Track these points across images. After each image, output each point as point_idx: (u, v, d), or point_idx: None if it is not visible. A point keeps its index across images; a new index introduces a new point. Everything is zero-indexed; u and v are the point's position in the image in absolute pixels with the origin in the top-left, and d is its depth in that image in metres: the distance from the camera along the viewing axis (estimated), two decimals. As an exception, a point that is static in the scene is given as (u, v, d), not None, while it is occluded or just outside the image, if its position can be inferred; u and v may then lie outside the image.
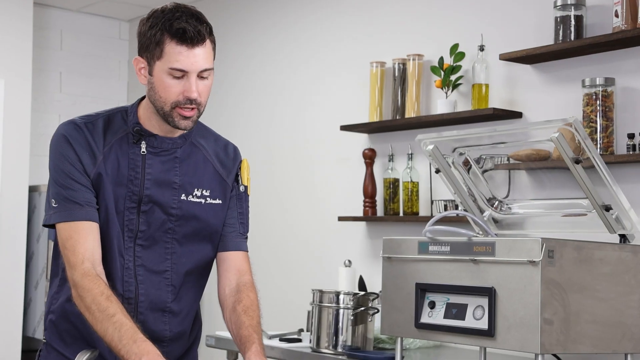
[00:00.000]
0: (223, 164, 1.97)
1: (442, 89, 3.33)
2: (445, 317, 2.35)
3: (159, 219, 1.87)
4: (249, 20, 4.51)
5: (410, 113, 3.45)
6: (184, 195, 1.89)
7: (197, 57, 1.76)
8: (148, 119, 1.87)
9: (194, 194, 1.90)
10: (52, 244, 4.39)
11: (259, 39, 4.43)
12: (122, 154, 1.84)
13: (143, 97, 1.91)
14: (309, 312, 3.21)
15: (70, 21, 5.13)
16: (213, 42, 1.83)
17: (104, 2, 4.95)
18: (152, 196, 1.85)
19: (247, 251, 2.01)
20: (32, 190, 4.69)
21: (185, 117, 1.80)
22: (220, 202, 1.95)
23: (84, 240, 1.77)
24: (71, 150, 1.82)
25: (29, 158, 4.60)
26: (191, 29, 1.75)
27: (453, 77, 3.31)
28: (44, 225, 1.85)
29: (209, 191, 1.92)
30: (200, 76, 1.78)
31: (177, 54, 1.74)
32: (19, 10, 4.53)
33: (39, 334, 4.44)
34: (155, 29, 1.75)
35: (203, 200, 1.91)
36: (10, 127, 4.48)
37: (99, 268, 1.78)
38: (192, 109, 1.80)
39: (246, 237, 2.02)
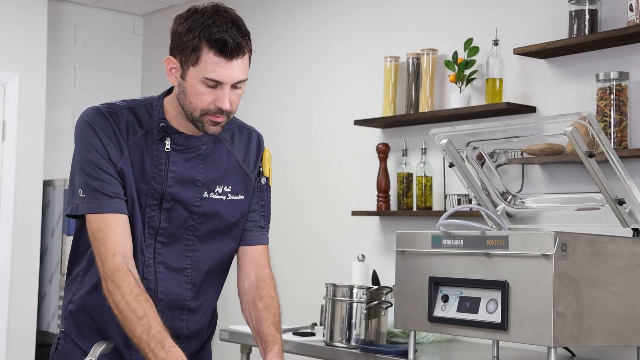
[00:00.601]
0: (247, 157, 1.94)
1: (456, 83, 3.33)
2: (459, 310, 2.36)
3: (180, 217, 1.85)
4: (263, 15, 4.52)
5: (424, 108, 3.46)
6: (206, 192, 1.86)
7: (234, 69, 1.71)
8: (175, 117, 1.82)
9: (215, 191, 1.87)
10: (66, 238, 4.42)
11: (273, 35, 4.44)
12: (147, 149, 1.81)
13: (169, 91, 1.85)
14: (322, 306, 3.23)
15: (84, 16, 5.16)
16: (250, 51, 1.76)
17: (118, -2, 4.99)
18: (175, 194, 1.83)
19: (268, 244, 2.00)
20: (47, 184, 4.73)
21: (216, 123, 1.77)
22: (242, 197, 1.92)
23: (114, 232, 1.75)
24: (98, 139, 1.78)
25: (44, 153, 4.63)
26: (232, 41, 1.69)
27: (467, 72, 3.31)
28: (68, 215, 1.83)
29: (230, 187, 1.90)
30: (233, 86, 1.75)
31: (214, 65, 1.69)
32: (34, 5, 4.56)
33: (54, 328, 4.47)
34: (194, 34, 1.69)
35: (224, 197, 1.88)
36: (24, 121, 4.51)
37: (130, 261, 1.76)
38: (223, 116, 1.77)
39: (267, 230, 2.00)
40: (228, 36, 1.69)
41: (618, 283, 2.31)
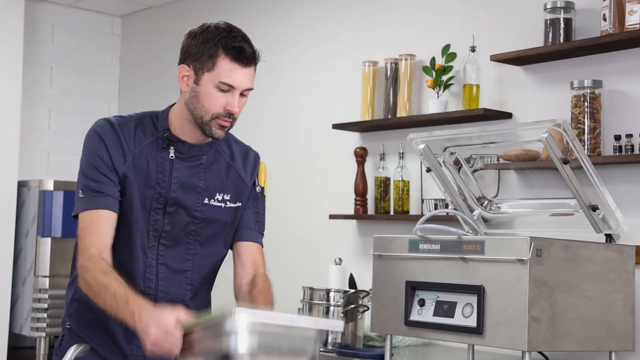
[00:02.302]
0: (245, 168, 2.07)
1: (433, 89, 3.37)
2: (435, 314, 2.39)
3: (183, 221, 1.96)
4: (242, 18, 4.52)
5: (401, 112, 3.48)
6: (207, 199, 1.99)
7: (245, 75, 1.89)
8: (180, 126, 1.95)
9: (215, 198, 1.99)
10: (41, 239, 4.39)
11: (252, 35, 4.43)
12: (152, 157, 1.94)
13: (173, 104, 1.99)
14: (299, 309, 3.24)
15: (62, 16, 5.13)
16: (257, 64, 1.96)
17: (96, -2, 4.96)
18: (178, 199, 1.95)
19: (262, 246, 2.10)
20: (22, 185, 4.69)
21: (222, 127, 1.90)
22: (239, 204, 2.05)
23: (95, 228, 1.86)
24: (103, 146, 1.92)
25: (19, 153, 4.60)
26: (248, 49, 1.91)
27: (444, 78, 3.34)
28: (74, 217, 1.92)
29: (229, 195, 2.02)
30: (241, 94, 1.91)
31: (229, 70, 1.87)
32: (10, 4, 4.53)
33: (27, 330, 4.43)
34: (211, 43, 1.86)
35: (223, 205, 2.01)
36: (0, 121, 4.47)
37: (105, 253, 1.85)
38: (229, 121, 1.91)
39: (262, 236, 2.11)
40: (245, 45, 1.91)
41: (591, 288, 2.34)
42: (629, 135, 2.78)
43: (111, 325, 1.91)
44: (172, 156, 1.95)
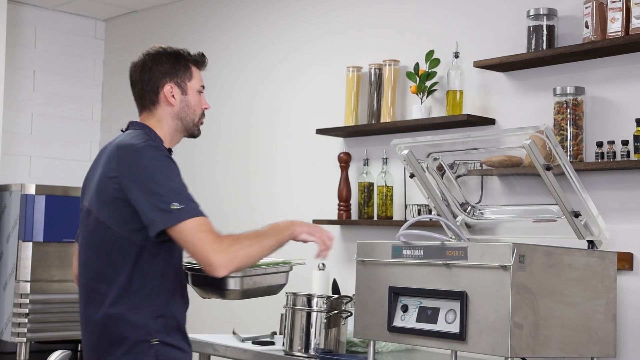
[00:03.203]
0: None
1: (417, 94, 3.37)
2: (418, 320, 2.39)
3: None
4: (226, 22, 4.52)
5: (385, 118, 3.49)
6: None
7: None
8: (170, 141, 2.23)
9: None
10: (22, 244, 4.34)
11: (234, 42, 4.44)
12: None
13: (144, 126, 2.20)
14: (282, 315, 3.23)
15: (44, 19, 5.09)
16: None
17: (79, 1, 4.92)
18: None
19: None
20: (3, 189, 4.65)
21: (200, 126, 2.26)
22: None
23: (212, 226, 2.03)
24: (175, 166, 2.10)
25: (1, 157, 4.56)
26: (203, 58, 2.27)
27: (428, 83, 3.35)
28: (160, 232, 2.00)
29: None
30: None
31: (200, 75, 2.25)
32: (-7, 7, 4.50)
33: (7, 335, 4.38)
34: (181, 60, 2.21)
35: None
36: (-18, 125, 4.44)
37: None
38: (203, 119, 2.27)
39: None
40: (202, 53, 2.27)
41: (573, 294, 2.35)
42: (611, 142, 2.80)
43: (183, 322, 2.14)
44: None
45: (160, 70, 2.17)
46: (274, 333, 3.35)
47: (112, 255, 2.06)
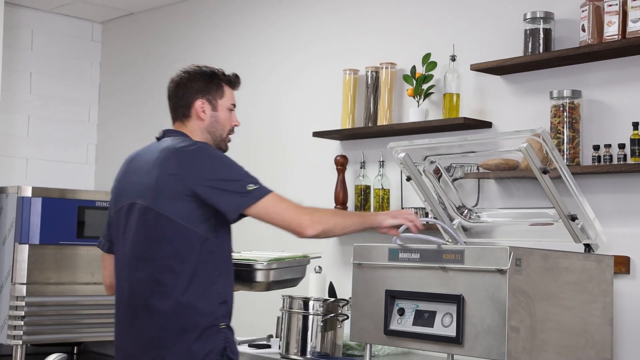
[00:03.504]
0: None
1: (414, 97, 3.37)
2: (414, 324, 2.38)
3: None
4: (223, 25, 4.52)
5: (382, 121, 3.48)
6: None
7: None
8: None
9: None
10: (18, 246, 4.34)
11: (231, 45, 4.44)
12: None
13: (186, 135, 2.36)
14: (278, 318, 3.22)
15: (41, 21, 5.09)
16: None
17: (76, 4, 4.92)
18: None
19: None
20: (0, 191, 4.64)
21: (229, 142, 2.44)
22: None
23: (284, 197, 2.27)
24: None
25: (-3, 159, 4.56)
26: (237, 79, 2.47)
27: (425, 86, 3.35)
28: (240, 216, 2.22)
29: None
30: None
31: (231, 95, 2.43)
32: (-10, 9, 4.49)
33: (3, 338, 4.37)
34: (214, 79, 2.39)
35: None
36: (-22, 127, 4.43)
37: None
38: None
39: None
40: (236, 75, 2.47)
41: (570, 298, 2.35)
42: (608, 146, 2.80)
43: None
44: None
45: (194, 87, 2.36)
46: (270, 336, 3.34)
47: (178, 247, 2.20)
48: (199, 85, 2.37)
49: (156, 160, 2.26)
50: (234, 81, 2.43)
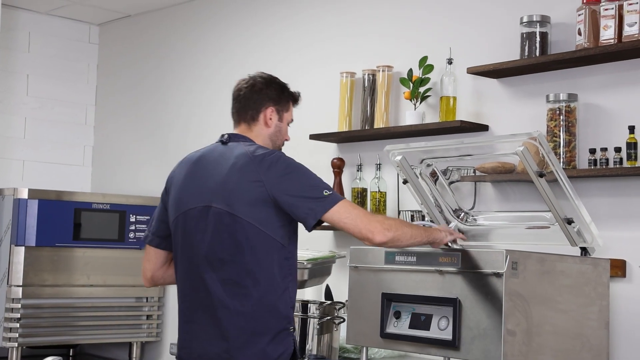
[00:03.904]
0: None
1: (410, 100, 3.37)
2: (411, 327, 2.38)
3: None
4: (219, 28, 4.52)
5: (379, 123, 3.49)
6: None
7: None
8: None
9: None
10: (15, 248, 4.33)
11: (228, 47, 4.44)
12: None
13: (253, 141, 2.42)
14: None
15: (38, 23, 5.08)
16: None
17: (74, 6, 4.92)
18: None
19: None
20: (-3, 193, 4.64)
21: None
22: None
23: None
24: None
25: (-6, 161, 4.55)
26: (299, 97, 2.55)
27: (422, 89, 3.35)
28: (320, 219, 2.26)
29: None
30: None
31: (292, 112, 2.53)
32: (-14, 11, 4.49)
33: (-1, 340, 4.37)
34: (286, 92, 2.50)
35: None
36: (-25, 129, 4.42)
37: None
38: None
39: None
40: (297, 94, 2.54)
41: (566, 301, 2.35)
42: (604, 149, 2.80)
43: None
44: None
45: (268, 94, 2.44)
46: (267, 339, 3.34)
47: (259, 252, 2.26)
48: (273, 93, 2.46)
49: (233, 165, 2.31)
50: (297, 99, 2.54)
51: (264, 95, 2.43)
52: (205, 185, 2.32)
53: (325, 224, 2.29)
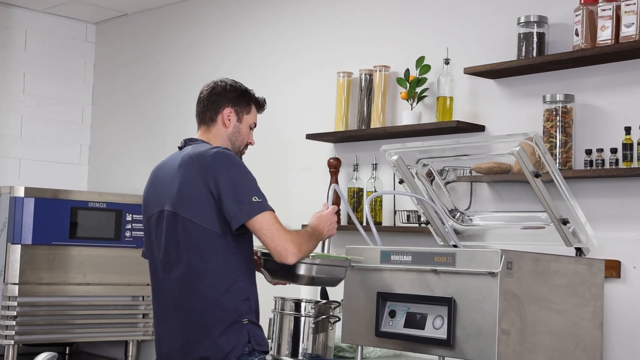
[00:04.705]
0: None
1: (407, 100, 3.38)
2: (406, 326, 2.39)
3: None
4: (217, 28, 4.52)
5: (375, 123, 3.49)
6: None
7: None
8: None
9: None
10: (11, 246, 4.33)
11: (226, 47, 4.44)
12: None
13: (206, 143, 2.48)
14: (270, 319, 3.22)
15: (35, 21, 5.08)
16: None
17: (70, 4, 4.91)
18: None
19: None
20: (-7, 191, 4.63)
21: (243, 154, 2.57)
22: None
23: (278, 219, 2.34)
24: (245, 166, 2.39)
25: (-10, 159, 4.54)
26: (264, 103, 2.60)
27: (418, 89, 3.35)
28: (239, 228, 2.29)
29: None
30: None
31: (255, 115, 2.58)
32: (-17, 9, 4.48)
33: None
34: (247, 95, 2.54)
35: None
36: (-29, 127, 4.41)
37: None
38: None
39: None
40: (265, 100, 2.60)
41: (561, 301, 2.36)
42: (600, 150, 2.81)
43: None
44: None
45: (226, 96, 2.51)
46: (262, 338, 3.34)
47: (203, 249, 2.32)
48: (232, 96, 2.52)
49: (178, 168, 2.40)
50: (261, 104, 2.58)
51: (222, 97, 2.51)
52: (160, 191, 2.44)
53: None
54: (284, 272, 2.45)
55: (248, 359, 2.31)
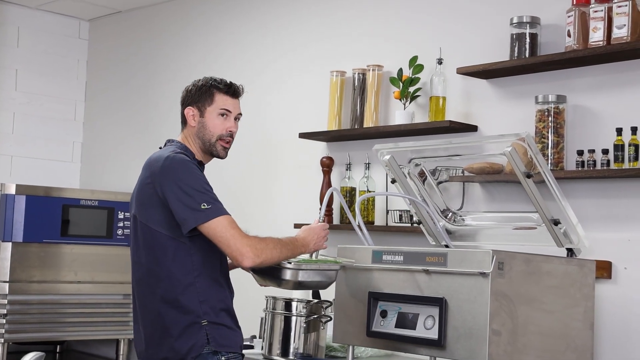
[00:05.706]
0: None
1: (400, 100, 3.38)
2: (397, 326, 2.39)
3: None
4: (210, 26, 4.51)
5: (368, 123, 3.49)
6: None
7: (235, 103, 2.54)
8: (201, 155, 2.50)
9: None
10: (3, 244, 4.31)
11: (218, 45, 4.43)
12: None
13: (179, 145, 2.49)
14: (262, 318, 3.22)
15: (28, 18, 5.06)
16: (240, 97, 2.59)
17: (64, 1, 4.89)
18: None
19: None
20: (-16, 188, 4.61)
21: (225, 148, 2.50)
22: None
23: (236, 225, 2.30)
24: (199, 170, 2.39)
25: (-19, 156, 4.52)
26: (234, 84, 2.54)
27: (411, 89, 3.35)
28: (192, 230, 2.27)
29: None
30: (235, 118, 2.53)
31: (224, 101, 2.50)
32: (-25, 5, 4.46)
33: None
34: (205, 87, 2.50)
35: None
36: (-37, 124, 4.40)
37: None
38: (229, 141, 2.50)
39: None
40: (232, 83, 2.54)
41: (551, 302, 2.36)
42: (592, 151, 2.81)
43: (228, 302, 2.39)
44: None
45: (186, 98, 2.54)
46: (254, 337, 3.34)
47: (157, 251, 2.34)
48: (190, 94, 2.54)
49: (142, 171, 2.46)
50: (224, 89, 2.52)
51: (185, 99, 2.55)
52: (133, 193, 2.50)
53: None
54: (270, 276, 2.46)
55: (212, 358, 2.30)
